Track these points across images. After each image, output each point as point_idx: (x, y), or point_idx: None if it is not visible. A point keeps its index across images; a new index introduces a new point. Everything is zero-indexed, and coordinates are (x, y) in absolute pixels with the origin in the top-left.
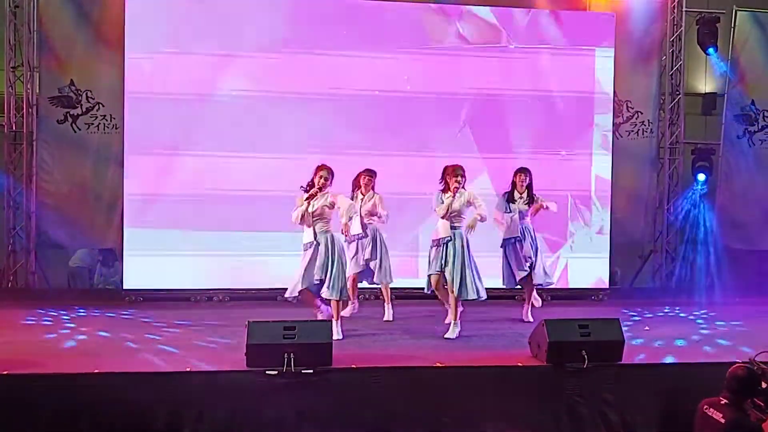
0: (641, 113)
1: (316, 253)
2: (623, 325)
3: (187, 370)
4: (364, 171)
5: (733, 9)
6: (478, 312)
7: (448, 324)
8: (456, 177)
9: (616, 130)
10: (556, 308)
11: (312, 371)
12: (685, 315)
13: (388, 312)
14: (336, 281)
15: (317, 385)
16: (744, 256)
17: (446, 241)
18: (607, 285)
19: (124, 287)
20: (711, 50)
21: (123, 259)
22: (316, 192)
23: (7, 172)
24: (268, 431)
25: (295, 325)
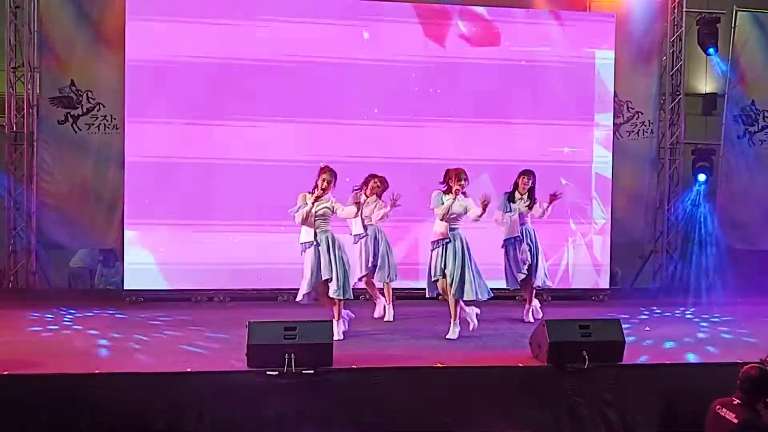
0: (641, 113)
1: (318, 252)
2: (624, 326)
3: (188, 370)
4: (378, 177)
5: (733, 9)
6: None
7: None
8: (459, 181)
9: (616, 130)
10: (557, 309)
11: (312, 371)
12: (685, 315)
13: (389, 312)
14: (344, 281)
15: (318, 386)
16: (744, 256)
17: (445, 243)
18: (608, 285)
19: (124, 287)
20: (711, 50)
21: (123, 259)
22: (321, 194)
23: (8, 173)
24: (268, 431)
25: (295, 325)
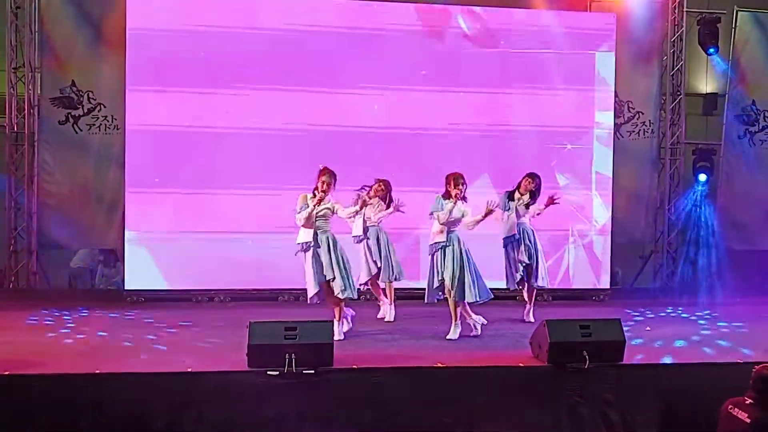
0: (642, 114)
1: (319, 253)
2: (624, 326)
3: (188, 370)
4: (381, 180)
5: (733, 9)
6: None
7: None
8: (457, 185)
9: (617, 130)
10: (558, 309)
11: (313, 371)
12: (686, 315)
13: (390, 312)
14: (348, 280)
15: (318, 386)
16: (745, 256)
17: (442, 246)
18: (608, 285)
19: (125, 288)
20: (712, 50)
21: (124, 259)
22: (323, 196)
23: (9, 173)
24: (268, 431)
25: (296, 325)
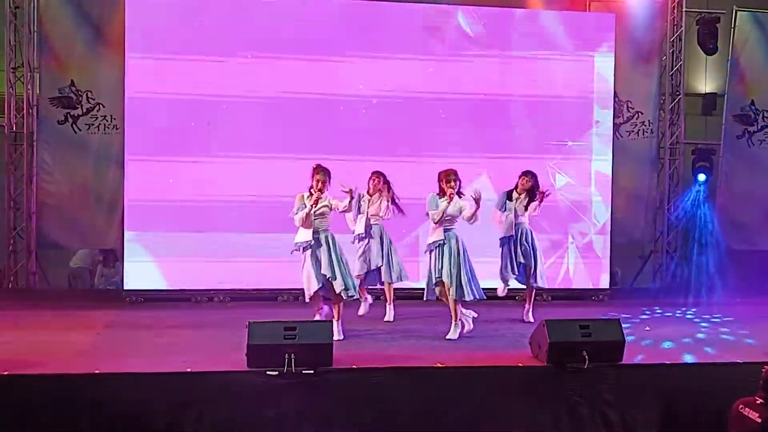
0: (641, 113)
1: (318, 252)
2: (624, 326)
3: (188, 370)
4: (374, 174)
5: (733, 9)
6: (478, 312)
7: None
8: (449, 182)
9: (616, 130)
10: (557, 309)
11: (313, 371)
12: (686, 315)
13: (390, 312)
14: (349, 279)
15: (318, 386)
16: (744, 256)
17: (440, 244)
18: (608, 285)
19: (124, 288)
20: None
21: (123, 259)
22: (319, 195)
23: (8, 173)
24: (268, 431)
25: (295, 325)
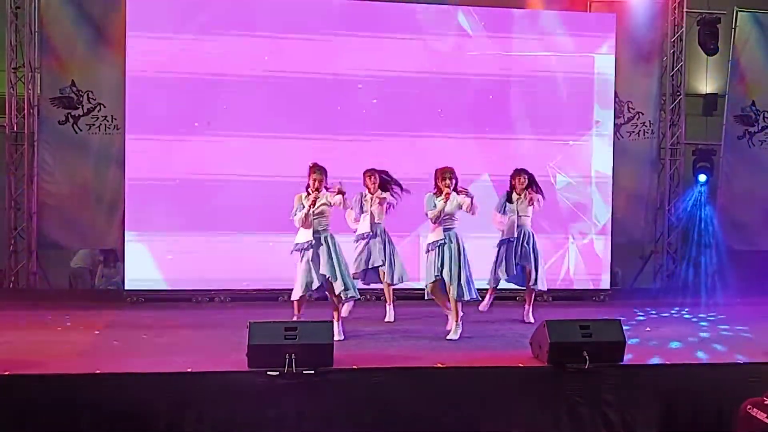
0: (642, 114)
1: (318, 252)
2: (624, 326)
3: (188, 370)
4: (368, 172)
5: (733, 10)
6: (478, 312)
7: (449, 327)
8: (444, 180)
9: (617, 130)
10: (558, 309)
11: (313, 372)
12: (686, 316)
13: (390, 313)
14: (349, 279)
15: (318, 386)
16: (745, 256)
17: (440, 244)
18: (608, 285)
19: (125, 288)
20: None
21: (124, 259)
22: (316, 195)
23: (9, 173)
24: (268, 431)
25: (296, 325)
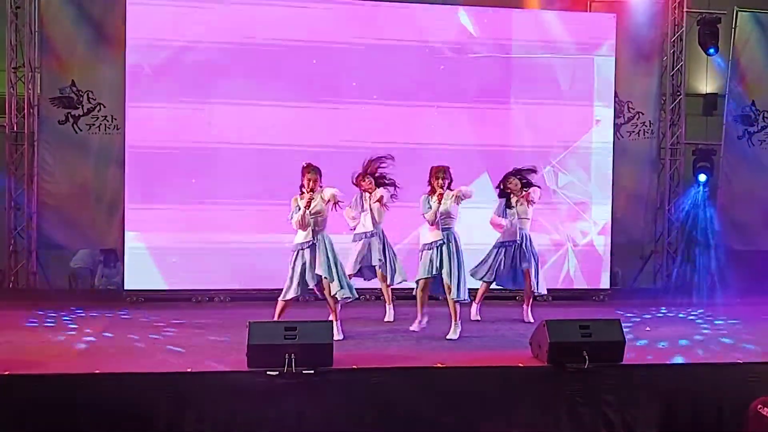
0: (642, 114)
1: (315, 252)
2: (624, 326)
3: (188, 370)
4: (358, 176)
5: (734, 9)
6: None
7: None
8: (437, 179)
9: (617, 130)
10: (557, 309)
11: (313, 372)
12: (686, 316)
13: (389, 312)
14: (345, 280)
15: (318, 386)
16: (745, 256)
17: (439, 244)
18: (608, 285)
19: (125, 288)
20: (712, 51)
21: (124, 259)
22: (311, 195)
23: (9, 173)
24: (268, 431)
25: (295, 325)
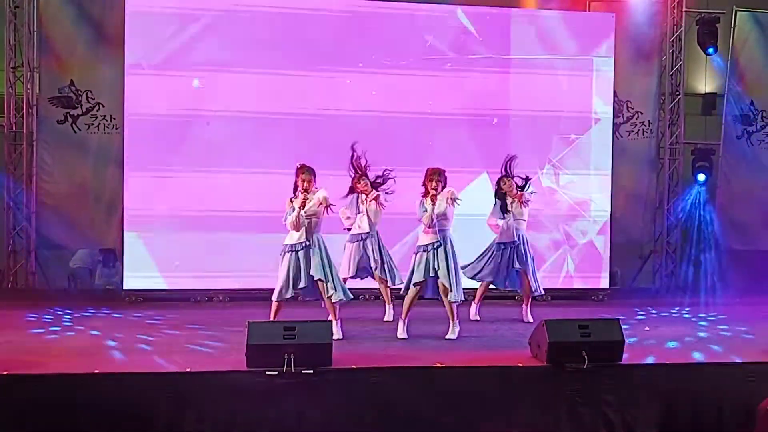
0: (641, 113)
1: (309, 253)
2: (623, 326)
3: (188, 370)
4: (354, 178)
5: (733, 9)
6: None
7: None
8: (431, 181)
9: (616, 130)
10: (557, 308)
11: (312, 371)
12: (685, 315)
13: (389, 312)
14: (339, 281)
15: (317, 386)
16: (744, 256)
17: (436, 246)
18: (608, 285)
19: (124, 287)
20: (711, 50)
21: (123, 259)
22: (306, 196)
23: (8, 173)
24: (268, 431)
25: (295, 325)
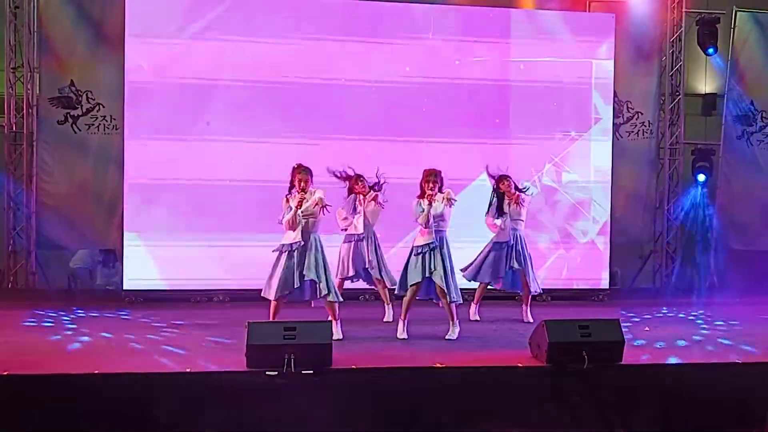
0: (641, 114)
1: (305, 253)
2: (623, 326)
3: (187, 370)
4: (351, 179)
5: (733, 9)
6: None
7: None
8: (428, 182)
9: (616, 130)
10: (557, 309)
11: (312, 372)
12: (685, 315)
13: (389, 313)
14: (332, 283)
15: (317, 386)
16: (744, 256)
17: (433, 247)
18: (608, 285)
19: (124, 288)
20: (711, 50)
21: (123, 259)
22: (303, 196)
23: (8, 173)
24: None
25: (295, 325)
